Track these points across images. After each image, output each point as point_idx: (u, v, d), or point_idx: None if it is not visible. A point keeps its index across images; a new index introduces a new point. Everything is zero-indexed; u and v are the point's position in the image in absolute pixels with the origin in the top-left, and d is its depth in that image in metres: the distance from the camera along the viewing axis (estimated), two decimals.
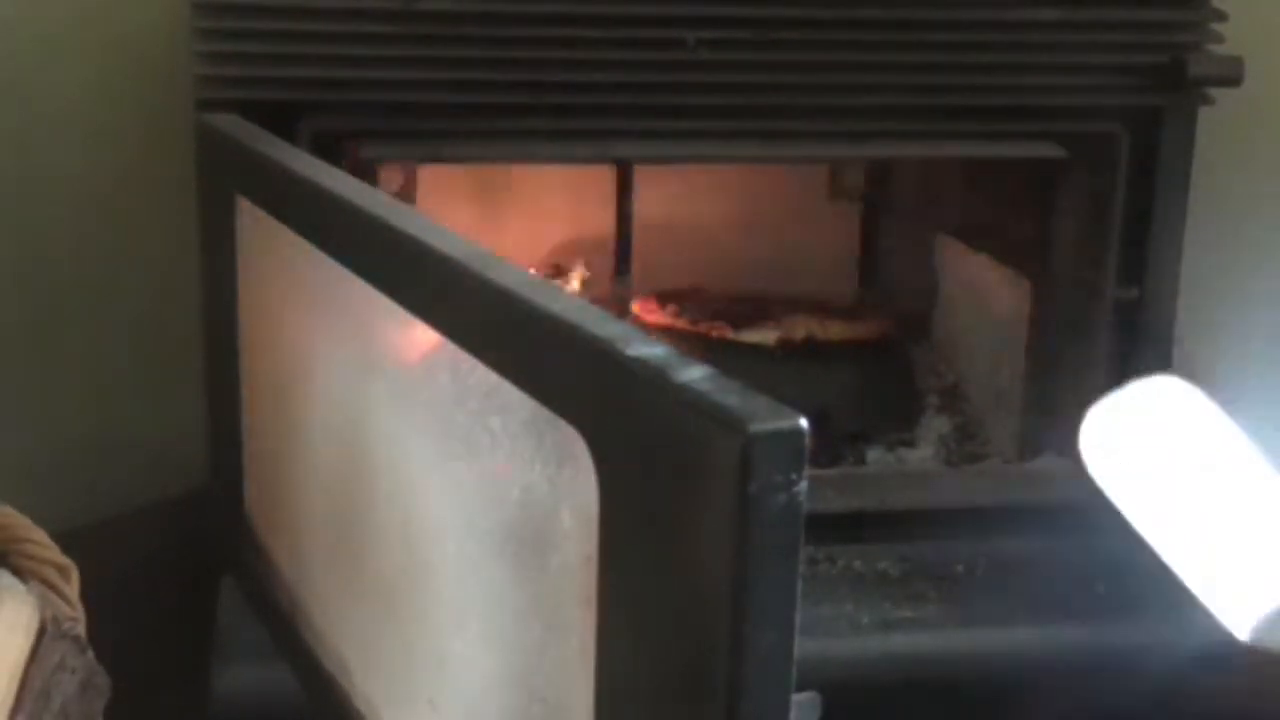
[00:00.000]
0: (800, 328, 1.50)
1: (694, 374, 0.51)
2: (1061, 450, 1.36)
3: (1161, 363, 1.29)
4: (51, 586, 0.87)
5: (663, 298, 1.57)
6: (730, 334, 1.51)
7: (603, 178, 1.58)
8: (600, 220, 1.59)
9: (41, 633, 0.81)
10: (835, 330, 1.52)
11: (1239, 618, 1.04)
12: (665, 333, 1.51)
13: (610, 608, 0.55)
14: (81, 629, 0.86)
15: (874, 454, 1.42)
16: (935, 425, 1.47)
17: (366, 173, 1.15)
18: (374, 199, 0.79)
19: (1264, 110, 1.39)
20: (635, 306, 1.57)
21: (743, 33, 1.17)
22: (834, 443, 1.41)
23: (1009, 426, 1.43)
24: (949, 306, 1.58)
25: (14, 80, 1.31)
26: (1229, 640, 1.19)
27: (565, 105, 1.16)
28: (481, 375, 0.63)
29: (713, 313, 1.54)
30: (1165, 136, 1.25)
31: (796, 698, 0.50)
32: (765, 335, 1.50)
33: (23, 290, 1.35)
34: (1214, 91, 1.24)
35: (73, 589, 0.88)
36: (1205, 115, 1.25)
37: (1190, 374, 1.32)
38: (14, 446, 1.34)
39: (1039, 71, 1.23)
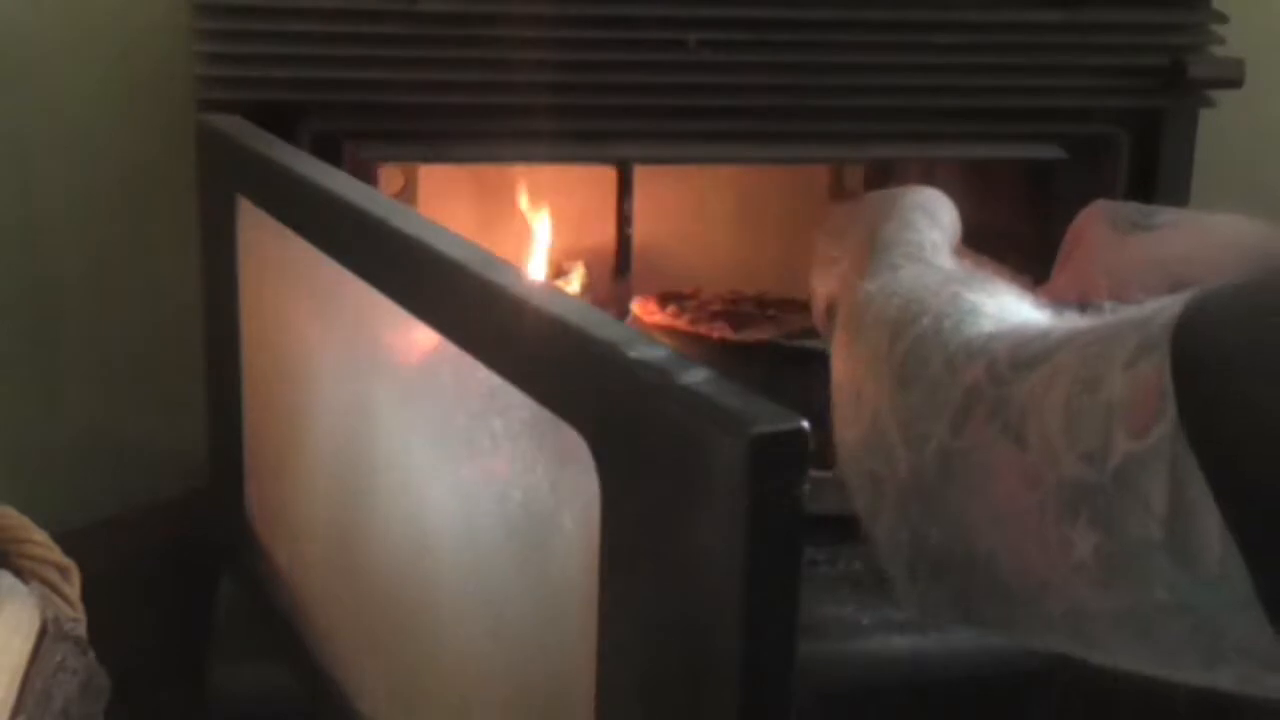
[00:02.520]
0: (800, 328, 1.49)
1: (695, 376, 0.51)
2: None
3: None
4: (52, 587, 0.87)
5: (663, 298, 1.57)
6: (730, 334, 1.50)
7: (603, 178, 1.58)
8: (600, 220, 1.59)
9: (42, 633, 0.82)
10: None
11: None
12: (665, 333, 1.51)
13: (611, 609, 0.55)
14: (82, 629, 0.86)
15: None
16: None
17: (366, 173, 1.15)
18: (374, 199, 0.79)
19: (1264, 112, 1.39)
20: (635, 307, 1.57)
21: (743, 34, 1.17)
22: (834, 443, 1.40)
23: None
24: None
25: (14, 80, 1.31)
26: None
27: (565, 106, 1.16)
28: (482, 376, 0.63)
29: (713, 313, 1.54)
30: (1166, 138, 1.25)
31: None
32: (765, 335, 1.50)
33: (23, 290, 1.35)
34: (1215, 93, 1.23)
35: (73, 589, 0.89)
36: (1206, 117, 1.25)
37: None
38: (14, 446, 1.34)
39: (1040, 73, 1.22)
